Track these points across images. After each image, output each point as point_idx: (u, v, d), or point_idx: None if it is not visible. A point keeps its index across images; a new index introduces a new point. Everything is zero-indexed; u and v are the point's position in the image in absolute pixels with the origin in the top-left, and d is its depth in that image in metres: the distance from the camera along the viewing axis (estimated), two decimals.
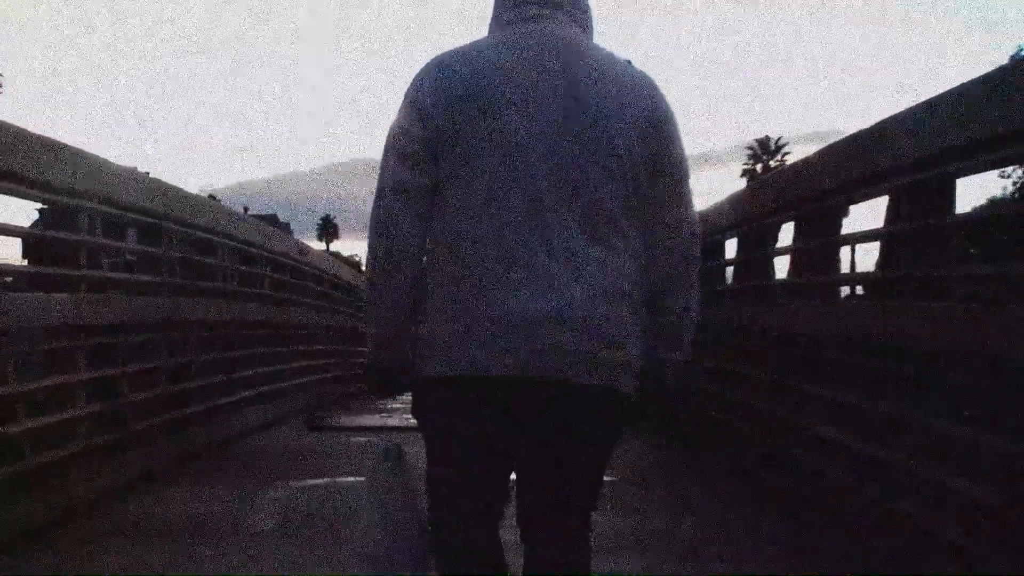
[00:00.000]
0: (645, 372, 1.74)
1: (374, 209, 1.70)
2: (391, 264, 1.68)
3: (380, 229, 1.69)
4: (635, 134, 1.66)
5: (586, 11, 1.79)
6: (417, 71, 1.70)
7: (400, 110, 1.69)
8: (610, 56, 1.73)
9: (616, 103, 1.66)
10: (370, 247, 1.72)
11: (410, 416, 1.86)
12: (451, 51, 1.71)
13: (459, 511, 1.75)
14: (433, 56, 1.72)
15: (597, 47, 1.76)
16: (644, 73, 1.75)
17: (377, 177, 1.70)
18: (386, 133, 1.71)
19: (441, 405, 1.70)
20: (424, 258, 1.70)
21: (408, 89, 1.70)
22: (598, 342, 1.63)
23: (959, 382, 2.82)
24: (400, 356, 1.76)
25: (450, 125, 1.62)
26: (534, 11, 1.71)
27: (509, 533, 1.86)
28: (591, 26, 1.79)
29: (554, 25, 1.70)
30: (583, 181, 1.63)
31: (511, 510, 1.83)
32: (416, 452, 1.86)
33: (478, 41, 1.74)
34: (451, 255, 1.65)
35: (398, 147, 1.67)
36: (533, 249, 1.60)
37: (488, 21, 1.81)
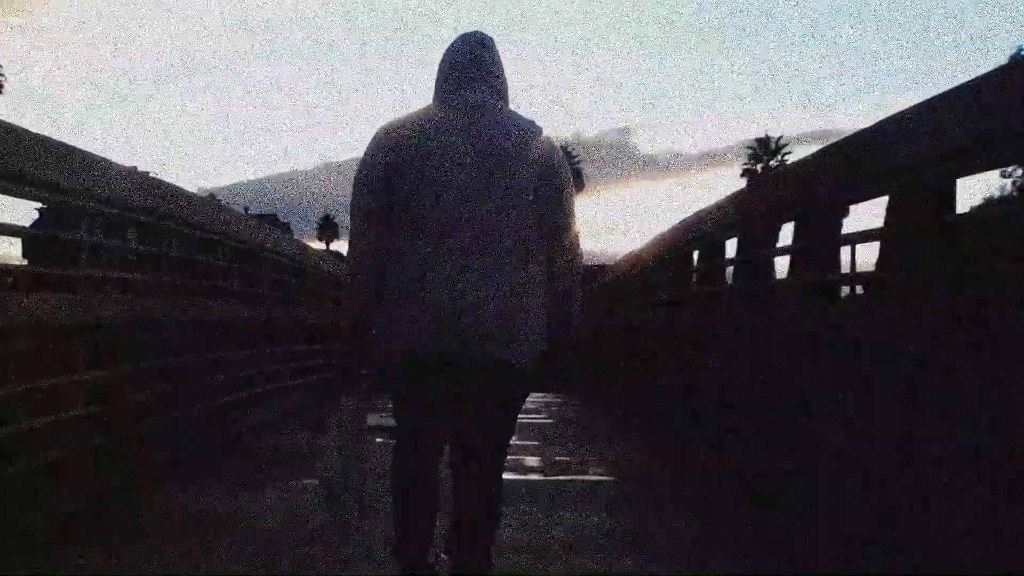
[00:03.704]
0: (546, 350, 2.38)
1: (350, 229, 2.35)
2: (357, 268, 2.34)
3: (351, 242, 2.36)
4: (534, 181, 2.26)
5: (502, 80, 2.40)
6: (375, 132, 2.34)
7: (363, 160, 2.32)
8: (518, 117, 2.34)
9: (520, 155, 2.25)
10: (347, 256, 2.43)
11: None
12: (401, 119, 2.34)
13: (408, 446, 2.44)
14: (386, 120, 2.39)
15: (509, 111, 2.36)
16: (547, 135, 2.34)
17: (350, 204, 2.35)
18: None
19: (395, 371, 2.34)
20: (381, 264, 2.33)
21: (368, 145, 2.33)
22: (501, 329, 2.22)
23: None
24: (365, 338, 2.39)
25: (398, 174, 2.24)
26: (463, 84, 2.35)
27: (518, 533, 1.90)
28: (506, 92, 2.41)
29: (479, 95, 2.33)
30: (496, 214, 2.22)
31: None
32: None
33: (421, 109, 2.36)
34: (400, 264, 2.26)
35: (362, 186, 2.31)
36: (458, 260, 2.19)
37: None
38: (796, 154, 64.36)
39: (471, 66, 2.36)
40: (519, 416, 2.53)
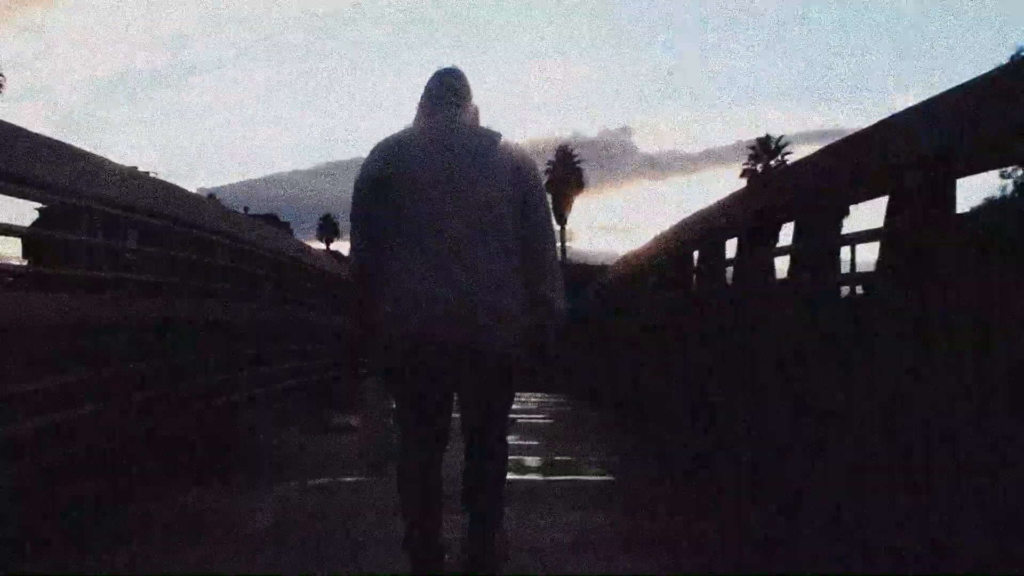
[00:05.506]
0: (528, 332, 2.62)
1: (351, 234, 2.69)
2: (357, 269, 2.68)
3: (352, 247, 2.70)
4: (508, 184, 2.56)
5: (472, 102, 2.74)
6: (371, 149, 2.67)
7: (359, 174, 2.65)
8: (489, 131, 2.67)
9: (494, 163, 2.57)
10: (348, 259, 2.76)
11: None
12: (389, 137, 2.68)
13: (409, 441, 2.67)
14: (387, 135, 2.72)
15: (481, 128, 2.70)
16: (516, 142, 2.66)
17: (350, 212, 2.67)
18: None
19: (394, 361, 2.62)
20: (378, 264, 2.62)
21: (364, 162, 2.66)
22: (488, 318, 2.49)
23: None
24: (367, 328, 2.67)
25: (391, 184, 2.56)
26: (440, 105, 2.69)
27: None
28: (477, 114, 2.75)
29: (455, 112, 2.68)
30: (477, 215, 2.50)
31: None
32: None
33: (408, 127, 2.71)
34: (397, 264, 2.54)
35: (358, 198, 2.64)
36: (444, 258, 2.48)
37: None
38: (796, 154, 64.13)
39: (446, 93, 2.72)
40: (519, 417, 2.62)
